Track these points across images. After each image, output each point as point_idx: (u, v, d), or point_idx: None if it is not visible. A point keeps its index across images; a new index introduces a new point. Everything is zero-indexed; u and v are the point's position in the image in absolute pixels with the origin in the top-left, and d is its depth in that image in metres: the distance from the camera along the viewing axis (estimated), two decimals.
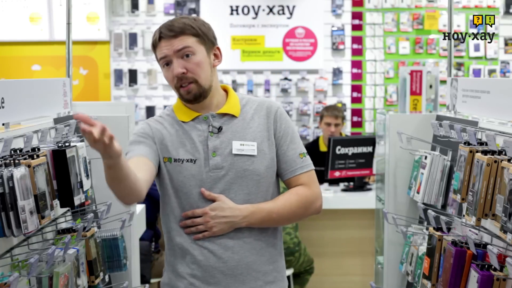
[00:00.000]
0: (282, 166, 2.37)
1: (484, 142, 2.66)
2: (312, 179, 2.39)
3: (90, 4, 7.14)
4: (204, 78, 2.29)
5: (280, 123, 2.38)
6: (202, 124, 2.34)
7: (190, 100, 2.31)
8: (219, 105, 2.37)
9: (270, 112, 2.38)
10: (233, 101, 2.39)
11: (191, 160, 2.30)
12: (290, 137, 2.38)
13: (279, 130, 2.37)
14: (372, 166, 5.49)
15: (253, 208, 2.30)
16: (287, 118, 2.41)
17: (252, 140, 2.33)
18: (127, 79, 7.18)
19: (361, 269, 5.36)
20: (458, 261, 2.51)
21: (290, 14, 7.21)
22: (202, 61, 2.29)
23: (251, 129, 2.35)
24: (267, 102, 2.41)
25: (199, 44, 2.29)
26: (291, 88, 7.22)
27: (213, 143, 2.31)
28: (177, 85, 2.29)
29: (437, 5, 7.25)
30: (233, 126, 2.34)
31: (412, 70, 4.18)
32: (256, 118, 2.37)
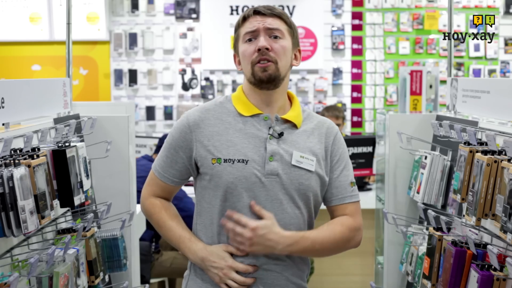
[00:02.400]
0: (332, 191, 2.26)
1: (484, 142, 2.66)
2: (358, 211, 2.28)
3: (90, 4, 7.14)
4: (283, 65, 2.19)
5: (338, 147, 2.28)
6: (261, 124, 2.22)
7: (262, 80, 2.18)
8: (283, 109, 2.26)
9: (330, 133, 2.28)
10: (297, 110, 2.28)
11: (243, 160, 2.16)
12: (345, 163, 2.28)
13: (336, 153, 2.27)
14: (372, 166, 5.48)
15: (298, 237, 2.15)
16: (344, 144, 2.31)
17: (312, 154, 2.22)
18: (127, 79, 7.18)
19: (361, 269, 5.36)
20: (458, 261, 2.51)
21: (290, 14, 7.21)
22: (287, 48, 2.20)
23: (311, 144, 2.24)
24: (328, 122, 2.31)
25: (288, 33, 2.22)
26: (291, 88, 7.22)
27: (272, 146, 2.18)
28: (255, 60, 2.17)
29: (437, 5, 7.25)
30: (294, 136, 2.23)
31: (412, 70, 4.18)
32: (316, 135, 2.26)
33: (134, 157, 3.70)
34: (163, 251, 5.04)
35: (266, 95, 2.22)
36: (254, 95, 2.24)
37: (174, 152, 2.23)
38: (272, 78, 2.17)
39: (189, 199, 4.81)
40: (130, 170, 3.52)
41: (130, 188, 3.53)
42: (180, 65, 7.20)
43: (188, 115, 2.25)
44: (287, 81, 2.26)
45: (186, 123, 2.23)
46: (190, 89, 7.19)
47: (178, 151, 2.23)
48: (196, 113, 2.25)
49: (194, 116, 2.24)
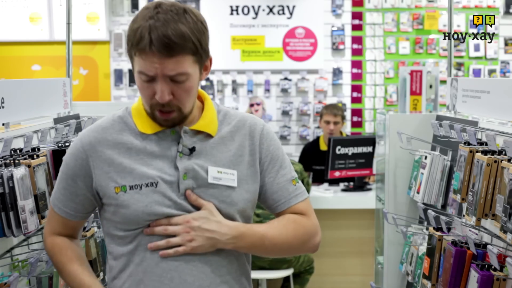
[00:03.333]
0: (273, 196, 1.93)
1: (484, 142, 2.66)
2: (310, 208, 1.97)
3: (90, 4, 7.14)
4: (189, 105, 1.83)
5: (268, 145, 1.93)
6: (168, 141, 1.85)
7: (164, 126, 1.84)
8: (193, 118, 1.89)
9: (254, 131, 1.93)
10: (210, 115, 1.91)
11: (152, 183, 1.81)
12: (280, 161, 1.94)
13: (265, 153, 1.92)
14: (372, 166, 5.49)
15: (245, 228, 1.86)
16: (275, 138, 1.97)
17: (232, 166, 1.87)
18: (127, 79, 7.18)
19: (361, 269, 5.36)
20: (458, 261, 2.51)
21: (290, 14, 7.21)
22: (193, 87, 1.81)
23: (230, 153, 1.89)
24: (249, 119, 1.95)
25: (194, 64, 1.79)
26: (291, 88, 7.22)
27: (184, 163, 1.83)
28: (155, 107, 1.80)
29: (437, 5, 7.25)
30: (208, 147, 1.87)
31: (412, 70, 4.17)
32: (236, 139, 1.91)
33: None
34: None
35: (173, 124, 1.87)
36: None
37: (72, 182, 1.87)
38: (176, 123, 1.84)
39: None
40: None
41: None
42: None
43: (82, 137, 1.88)
44: (195, 100, 1.90)
45: (80, 147, 1.86)
46: None
47: (76, 180, 1.86)
48: (91, 134, 1.87)
49: (88, 137, 1.86)
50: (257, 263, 4.80)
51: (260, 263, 4.80)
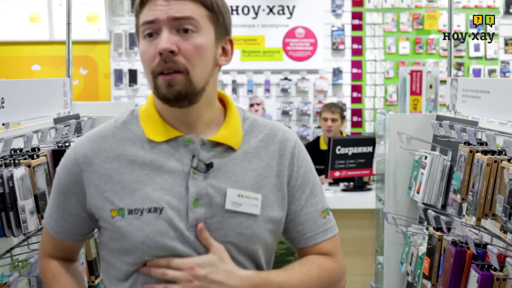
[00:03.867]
0: (298, 228, 1.61)
1: (484, 142, 2.66)
2: (338, 247, 1.67)
3: (90, 4, 7.14)
4: (200, 72, 1.49)
5: (299, 166, 1.61)
6: (182, 152, 1.53)
7: (168, 99, 1.49)
8: (212, 125, 1.57)
9: (284, 148, 1.61)
10: (234, 124, 1.59)
11: (156, 209, 1.49)
12: (310, 186, 1.63)
13: (295, 177, 1.61)
14: (372, 166, 5.49)
15: (260, 279, 1.53)
16: (307, 158, 1.65)
17: (256, 190, 1.55)
18: (127, 79, 7.18)
19: (361, 269, 5.36)
20: (458, 261, 2.51)
21: (290, 14, 7.22)
22: (205, 47, 1.50)
23: (254, 172, 1.56)
24: (280, 132, 1.62)
25: (208, 21, 1.52)
26: (291, 88, 7.22)
27: (197, 185, 1.51)
28: (156, 69, 1.48)
29: (437, 5, 7.25)
30: (230, 164, 1.55)
31: (412, 70, 4.17)
32: (263, 155, 1.58)
33: None
34: None
35: (182, 113, 1.54)
36: (169, 111, 1.55)
37: (65, 199, 1.58)
38: (183, 96, 1.49)
39: None
40: None
41: None
42: None
43: (76, 147, 1.57)
44: (212, 88, 1.56)
45: (73, 158, 1.56)
46: None
47: (68, 198, 1.57)
48: (86, 144, 1.56)
49: (84, 148, 1.56)
50: None
51: None
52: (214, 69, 1.55)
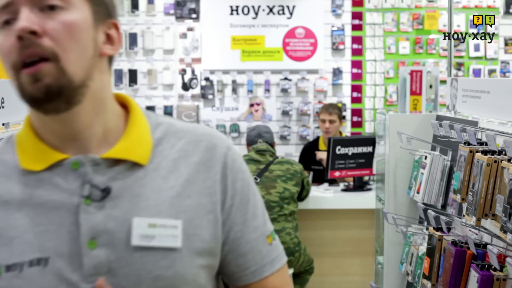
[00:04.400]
0: (238, 261, 1.25)
1: (484, 142, 2.66)
2: (288, 282, 1.32)
3: None
4: (74, 59, 1.12)
5: (234, 180, 1.24)
6: (70, 179, 1.17)
7: (37, 99, 1.12)
8: (110, 137, 1.20)
9: (212, 158, 1.23)
10: (138, 131, 1.22)
11: (39, 260, 1.13)
12: (251, 206, 1.26)
13: (231, 193, 1.23)
14: (372, 166, 5.49)
15: None
16: (244, 168, 1.27)
17: (174, 215, 1.18)
18: (127, 79, 7.18)
19: (361, 269, 5.36)
20: (458, 261, 2.51)
21: (290, 14, 7.21)
22: (79, 26, 1.13)
23: (172, 192, 1.19)
24: (206, 137, 1.25)
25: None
26: (291, 88, 7.22)
27: (91, 220, 1.15)
28: (16, 60, 1.11)
29: (437, 5, 7.25)
30: (136, 185, 1.18)
31: (412, 70, 4.17)
32: (183, 168, 1.21)
33: None
34: None
35: (63, 123, 1.16)
36: (46, 125, 1.18)
37: None
38: (55, 91, 1.11)
39: None
40: None
41: None
42: (180, 65, 7.20)
43: None
44: (101, 85, 1.19)
45: None
46: (190, 89, 7.19)
47: None
48: None
49: None
50: None
51: None
52: (97, 60, 1.18)
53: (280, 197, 4.78)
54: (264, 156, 4.93)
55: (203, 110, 7.18)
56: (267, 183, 4.81)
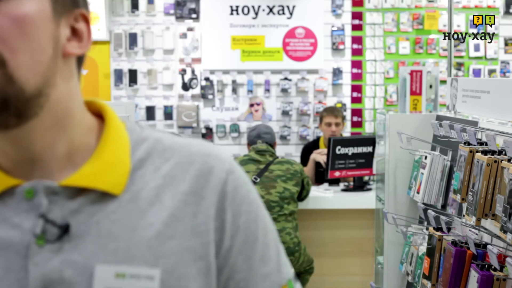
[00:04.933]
0: None
1: (484, 142, 2.66)
2: None
3: (90, 4, 7.13)
4: (26, 62, 0.88)
5: (235, 214, 0.96)
6: (21, 211, 0.92)
7: None
8: (77, 157, 0.95)
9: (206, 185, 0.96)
10: (113, 150, 0.96)
11: None
12: (260, 247, 0.98)
13: (231, 232, 0.96)
14: (372, 166, 5.49)
15: None
16: (251, 199, 0.98)
17: (152, 261, 0.91)
18: (127, 79, 7.18)
19: (361, 269, 5.36)
20: (458, 261, 2.51)
21: (290, 14, 7.21)
22: (32, 20, 0.89)
23: (151, 231, 0.93)
24: (200, 157, 0.97)
25: None
26: (291, 88, 7.22)
27: (43, 266, 0.89)
28: None
29: (437, 5, 7.25)
30: (105, 221, 0.92)
31: (412, 70, 4.17)
32: (167, 199, 0.94)
33: None
34: None
35: (14, 142, 0.92)
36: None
37: None
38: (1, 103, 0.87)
39: None
40: None
41: None
42: (180, 65, 7.20)
43: None
44: (66, 94, 0.93)
45: None
46: (190, 89, 7.19)
47: None
48: None
49: None
50: None
51: None
52: (60, 61, 0.92)
53: (280, 197, 4.78)
54: (264, 156, 4.94)
55: (203, 110, 7.19)
56: (267, 183, 4.81)
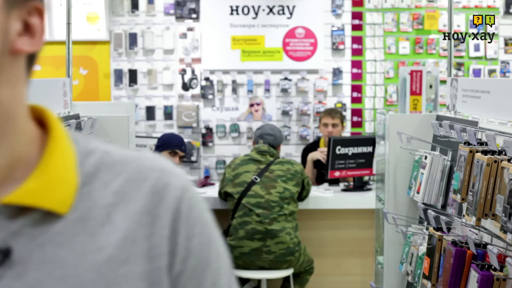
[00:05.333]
0: None
1: (484, 142, 2.66)
2: None
3: (90, 4, 7.14)
4: None
5: (188, 236, 0.87)
6: None
7: None
8: (17, 171, 0.83)
9: (160, 203, 0.86)
10: (59, 162, 0.85)
11: None
12: (211, 273, 0.89)
13: (183, 255, 0.86)
14: (372, 166, 5.49)
15: None
16: (205, 220, 0.90)
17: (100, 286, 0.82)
18: (127, 79, 7.18)
19: (361, 269, 5.36)
20: (458, 261, 2.51)
21: (290, 14, 7.21)
22: None
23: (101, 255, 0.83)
24: (154, 173, 0.88)
25: None
26: (291, 88, 7.22)
27: None
28: None
29: (437, 5, 7.25)
30: (49, 245, 0.81)
31: (412, 70, 4.17)
32: (119, 219, 0.84)
33: None
34: None
35: None
36: None
37: None
38: None
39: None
40: None
41: None
42: (180, 65, 7.20)
43: None
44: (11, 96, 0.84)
45: None
46: (190, 89, 7.19)
47: None
48: None
49: None
50: (257, 263, 4.80)
51: (260, 263, 4.80)
52: (6, 59, 0.82)
53: (280, 197, 4.78)
54: (265, 156, 4.94)
55: (203, 110, 7.18)
56: (267, 183, 4.81)
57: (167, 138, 5.29)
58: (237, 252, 4.80)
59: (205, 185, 5.88)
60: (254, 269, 4.84)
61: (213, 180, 6.54)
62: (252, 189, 4.80)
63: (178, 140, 5.25)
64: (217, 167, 7.11)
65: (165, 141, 5.23)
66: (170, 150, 5.14)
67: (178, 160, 5.18)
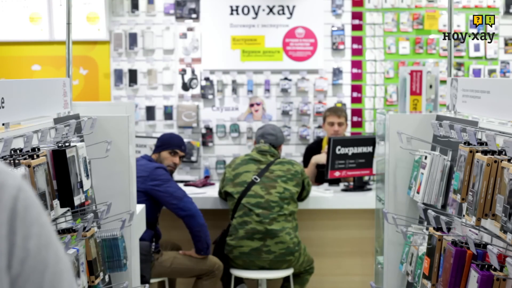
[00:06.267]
0: None
1: (484, 142, 2.66)
2: None
3: (90, 4, 7.14)
4: None
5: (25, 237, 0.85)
6: None
7: None
8: None
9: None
10: None
11: None
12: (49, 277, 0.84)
13: (19, 257, 0.83)
14: (372, 166, 5.49)
15: None
16: (42, 221, 0.88)
17: None
18: (127, 79, 7.18)
19: (361, 269, 5.36)
20: (458, 261, 2.51)
21: (290, 14, 7.21)
22: None
23: None
24: None
25: None
26: (291, 88, 7.22)
27: None
28: None
29: (437, 5, 7.25)
30: None
31: (412, 70, 4.18)
32: None
33: (134, 157, 3.70)
34: (163, 251, 5.04)
35: None
36: None
37: None
38: None
39: (189, 199, 4.82)
40: (130, 170, 3.53)
41: (130, 188, 3.53)
42: (180, 65, 7.20)
43: None
44: None
45: None
46: (190, 89, 7.19)
47: None
48: None
49: None
50: (257, 263, 4.80)
51: (260, 263, 4.80)
52: None
53: (280, 197, 4.78)
54: (265, 156, 4.94)
55: (203, 110, 7.18)
56: (268, 183, 4.81)
57: (167, 138, 5.29)
58: (237, 252, 4.80)
59: (205, 185, 5.88)
60: (254, 269, 4.84)
61: (213, 180, 6.54)
62: (252, 189, 4.80)
63: (178, 140, 5.25)
64: (217, 167, 7.10)
65: (165, 141, 5.23)
66: (170, 150, 5.15)
67: (178, 160, 5.18)
